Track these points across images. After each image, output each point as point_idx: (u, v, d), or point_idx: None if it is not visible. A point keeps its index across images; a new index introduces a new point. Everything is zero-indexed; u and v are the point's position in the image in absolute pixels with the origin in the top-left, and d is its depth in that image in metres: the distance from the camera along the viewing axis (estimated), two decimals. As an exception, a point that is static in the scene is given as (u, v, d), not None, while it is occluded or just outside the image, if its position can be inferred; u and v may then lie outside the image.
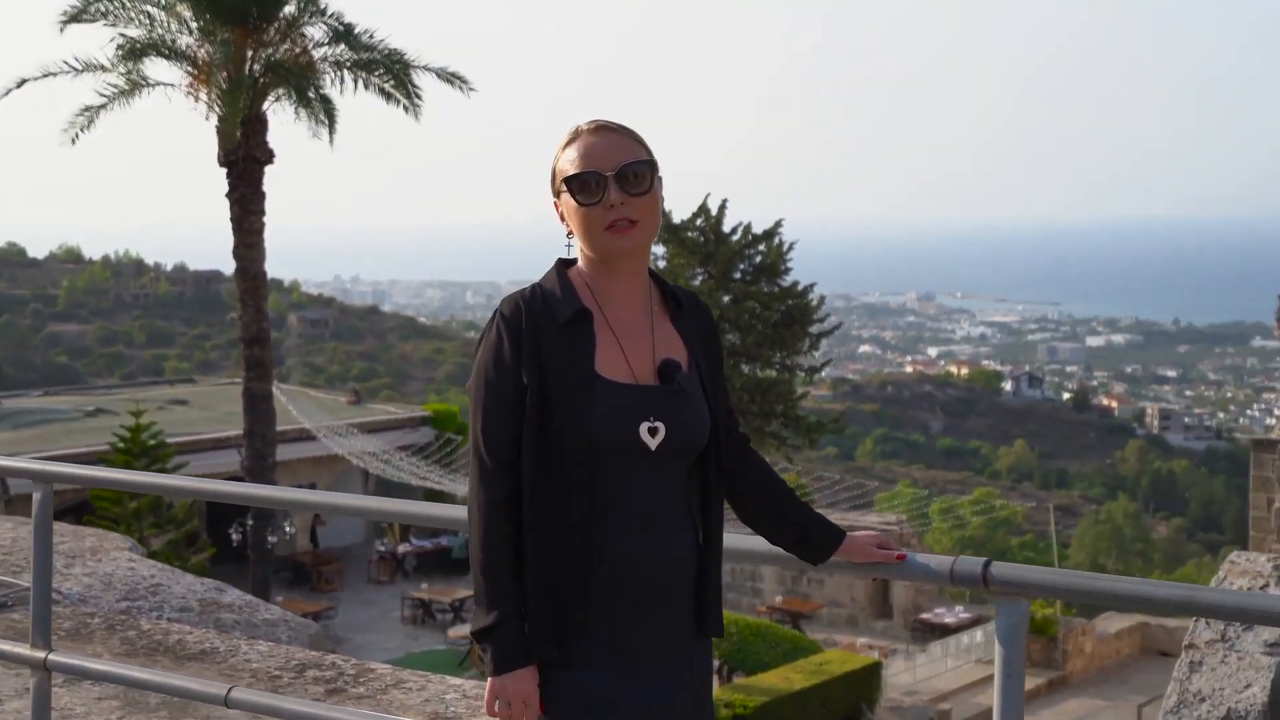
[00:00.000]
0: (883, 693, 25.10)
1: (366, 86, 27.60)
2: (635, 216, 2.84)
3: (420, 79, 27.58)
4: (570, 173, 2.86)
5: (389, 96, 27.61)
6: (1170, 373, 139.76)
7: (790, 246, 38.46)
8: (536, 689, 2.76)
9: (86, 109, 26.40)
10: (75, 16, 26.23)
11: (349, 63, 27.51)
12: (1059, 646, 27.49)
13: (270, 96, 26.73)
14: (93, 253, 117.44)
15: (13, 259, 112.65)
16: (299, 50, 27.27)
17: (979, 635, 28.46)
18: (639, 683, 2.78)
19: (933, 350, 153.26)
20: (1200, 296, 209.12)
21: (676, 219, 38.14)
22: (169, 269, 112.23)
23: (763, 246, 38.41)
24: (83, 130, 26.42)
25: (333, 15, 27.29)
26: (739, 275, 38.17)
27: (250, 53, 26.50)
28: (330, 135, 26.94)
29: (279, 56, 26.91)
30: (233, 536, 28.86)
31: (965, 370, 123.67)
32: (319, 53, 27.49)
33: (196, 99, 26.34)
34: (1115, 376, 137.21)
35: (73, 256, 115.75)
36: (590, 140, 2.87)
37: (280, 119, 27.83)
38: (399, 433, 36.96)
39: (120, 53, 26.27)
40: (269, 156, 26.62)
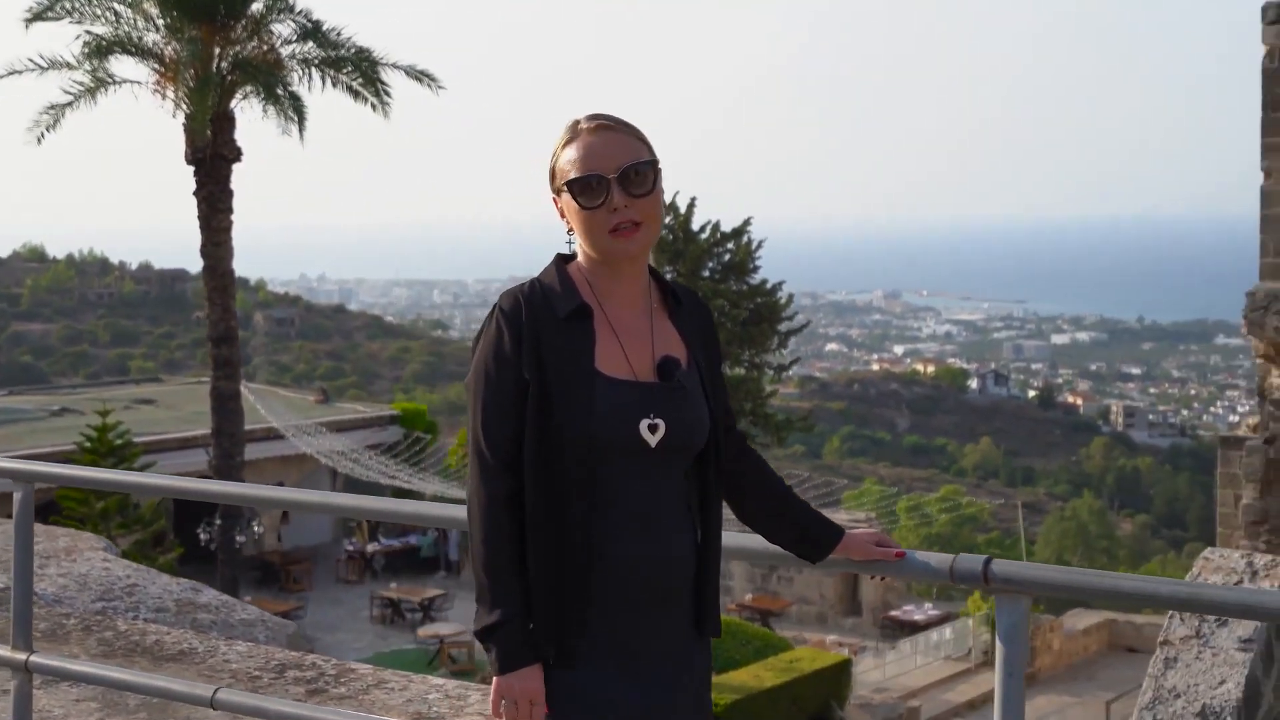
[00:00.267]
0: (852, 690, 25.17)
1: (335, 84, 27.57)
2: (639, 218, 2.82)
3: (389, 76, 27.59)
4: (571, 175, 2.82)
5: (357, 94, 27.56)
6: (1135, 370, 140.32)
7: (759, 245, 38.48)
8: (543, 687, 2.73)
9: (52, 107, 26.27)
10: (40, 14, 26.09)
11: (317, 60, 27.46)
12: (1028, 643, 27.59)
13: (238, 94, 26.64)
14: (57, 251, 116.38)
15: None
16: (267, 48, 27.20)
17: (948, 632, 28.60)
18: (639, 683, 2.77)
19: (899, 348, 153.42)
20: (1164, 294, 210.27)
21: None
22: (134, 268, 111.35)
23: (731, 245, 38.40)
24: (48, 129, 26.30)
25: (301, 12, 27.27)
26: (708, 273, 38.14)
27: (218, 50, 26.42)
28: (300, 133, 26.88)
29: (247, 54, 26.84)
30: (200, 536, 28.72)
31: (931, 368, 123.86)
32: (287, 50, 27.46)
33: (164, 97, 26.27)
34: (1080, 374, 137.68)
35: (37, 255, 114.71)
36: (590, 140, 2.83)
37: (248, 116, 27.73)
38: (367, 431, 36.90)
39: (86, 50, 26.16)
40: (237, 154, 26.52)
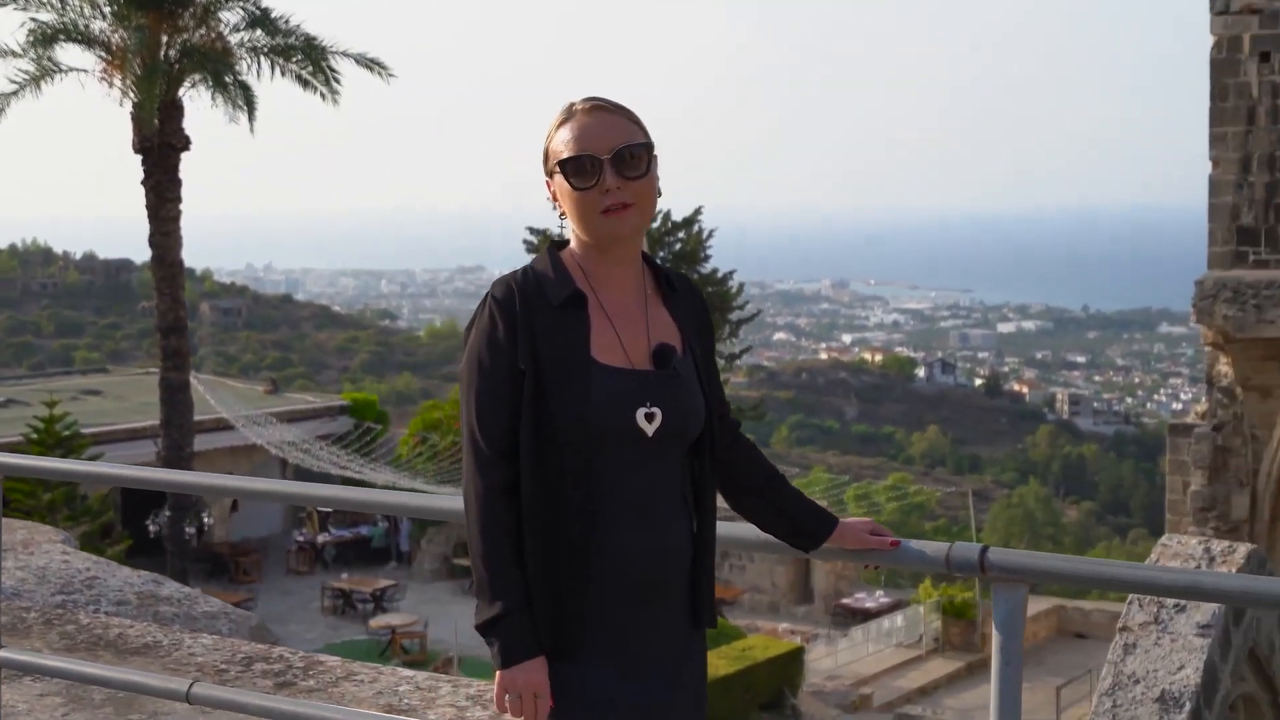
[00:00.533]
0: (805, 677, 25.31)
1: (284, 73, 27.37)
2: (631, 200, 2.80)
3: (338, 64, 27.40)
4: (564, 155, 2.80)
5: (306, 83, 27.38)
6: (1079, 358, 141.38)
7: (710, 234, 38.54)
8: (547, 679, 2.69)
9: (-4, 96, 25.94)
10: (-17, 1, 25.75)
11: (266, 48, 27.25)
12: (978, 629, 27.82)
13: (186, 82, 26.40)
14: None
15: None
16: (215, 36, 26.97)
17: (899, 620, 28.77)
18: (640, 681, 2.75)
19: (847, 337, 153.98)
20: (1108, 284, 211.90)
21: (596, 207, 38.13)
22: (78, 258, 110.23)
23: (682, 234, 38.44)
24: (-7, 118, 25.96)
25: (249, 0, 27.03)
26: (659, 262, 38.18)
27: (165, 38, 26.15)
28: (250, 122, 26.70)
29: (195, 42, 26.59)
30: (149, 528, 28.49)
31: (879, 357, 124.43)
32: (235, 38, 27.22)
33: (110, 85, 26.00)
34: (1026, 362, 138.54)
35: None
36: (585, 121, 2.81)
37: (197, 105, 27.52)
38: (317, 422, 36.67)
39: (32, 38, 25.82)
40: (185, 143, 26.29)
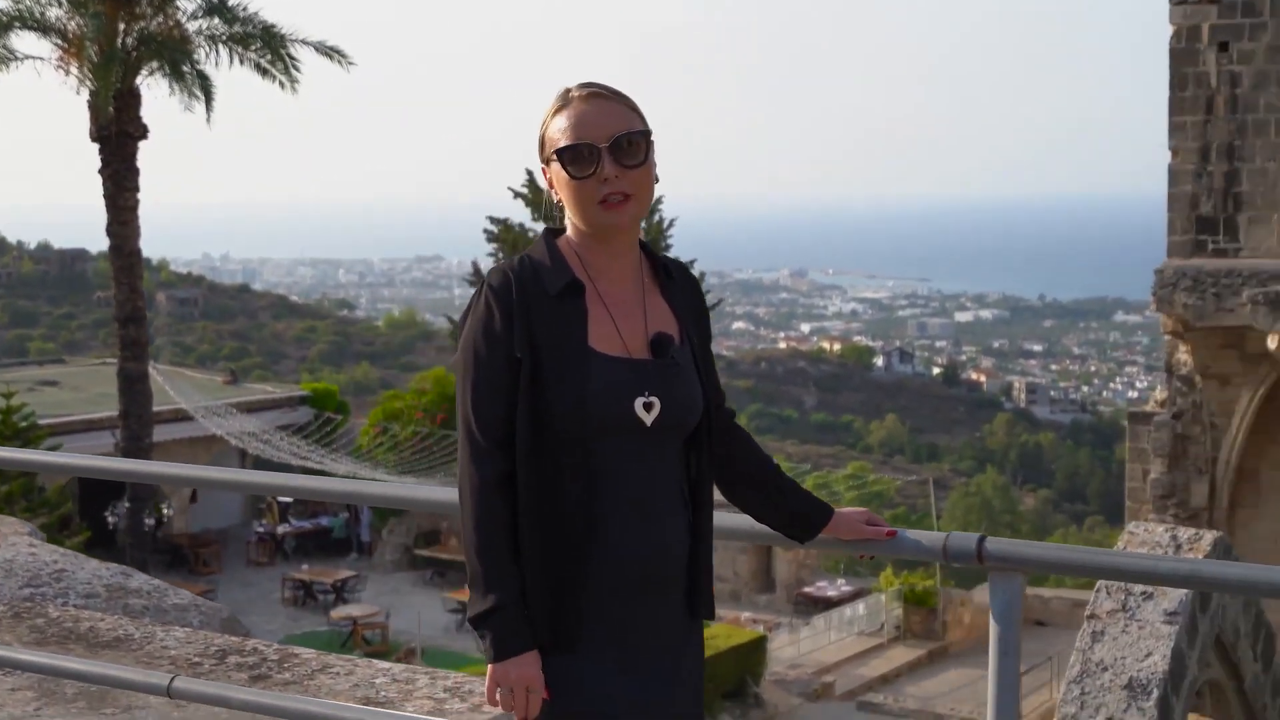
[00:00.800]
0: (767, 666, 25.38)
1: (242, 61, 27.18)
2: (629, 190, 2.76)
3: (298, 52, 27.26)
4: (562, 143, 2.76)
5: (265, 71, 27.21)
6: (1036, 347, 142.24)
7: (670, 223, 38.52)
8: (540, 674, 2.66)
9: (-50, 83, 25.70)
10: (-63, -12, 25.49)
11: (224, 36, 27.06)
12: (939, 618, 27.97)
13: (144, 70, 26.19)
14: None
15: None
16: (173, 23, 26.76)
17: (861, 608, 28.89)
18: (638, 678, 2.73)
19: (805, 326, 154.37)
20: (1065, 272, 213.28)
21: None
22: (32, 247, 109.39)
23: (643, 223, 38.42)
24: (-53, 105, 25.70)
25: (207, -13, 26.85)
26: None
27: (122, 25, 25.93)
28: (208, 111, 26.51)
29: (152, 30, 26.38)
30: (108, 519, 28.30)
31: (837, 346, 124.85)
32: (193, 26, 27.02)
33: (67, 73, 25.78)
34: (983, 351, 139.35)
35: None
36: (582, 108, 2.77)
37: (155, 93, 27.32)
38: (277, 412, 36.46)
39: (-14, 25, 25.59)
40: (143, 132, 26.09)
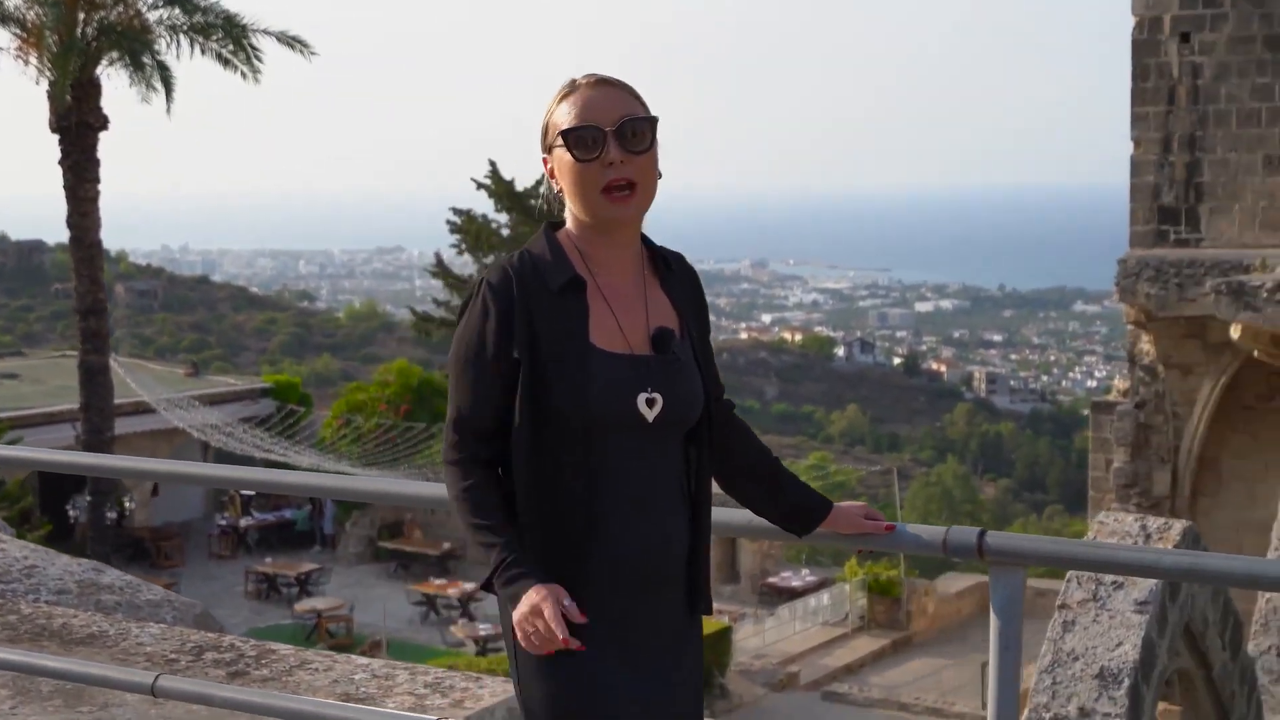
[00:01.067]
0: (732, 657, 25.39)
1: (204, 51, 26.97)
2: (634, 177, 2.74)
3: (260, 42, 27.06)
4: (566, 126, 2.75)
5: (226, 62, 27.01)
6: (996, 337, 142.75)
7: (632, 214, 38.53)
8: (559, 591, 2.60)
9: (-94, 73, 25.40)
10: (-107, -25, 25.20)
11: (185, 26, 26.84)
12: (903, 607, 28.07)
13: (104, 61, 25.96)
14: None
15: None
16: (133, 13, 26.53)
17: (825, 598, 28.96)
18: (640, 675, 2.72)
19: (767, 317, 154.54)
20: (1024, 263, 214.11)
21: (520, 187, 37.97)
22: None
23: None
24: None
25: (166, -23, 26.62)
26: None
27: (82, 15, 25.68)
28: (168, 102, 26.29)
29: (112, 19, 26.14)
30: (70, 513, 28.11)
31: (798, 336, 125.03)
32: (154, 15, 26.78)
33: (26, 63, 25.50)
34: (943, 341, 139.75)
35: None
36: (588, 94, 2.77)
37: (115, 84, 27.06)
38: (239, 404, 36.27)
39: (-57, 14, 25.30)
40: (103, 122, 25.84)
